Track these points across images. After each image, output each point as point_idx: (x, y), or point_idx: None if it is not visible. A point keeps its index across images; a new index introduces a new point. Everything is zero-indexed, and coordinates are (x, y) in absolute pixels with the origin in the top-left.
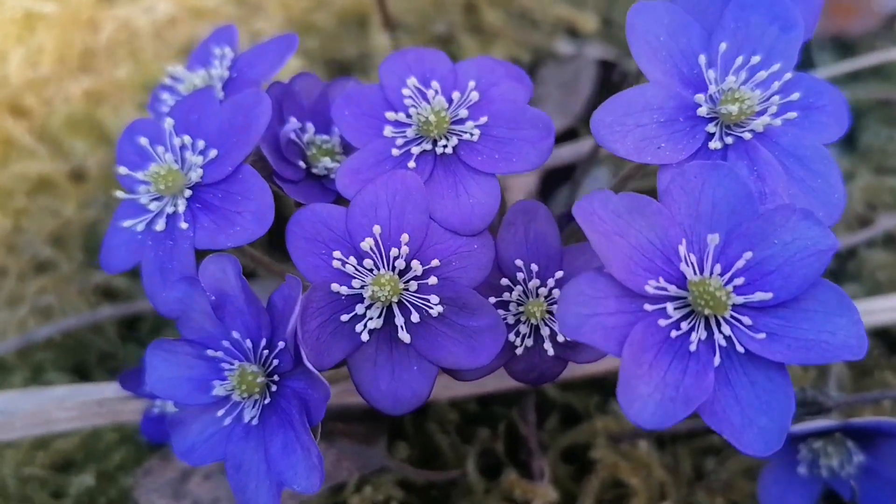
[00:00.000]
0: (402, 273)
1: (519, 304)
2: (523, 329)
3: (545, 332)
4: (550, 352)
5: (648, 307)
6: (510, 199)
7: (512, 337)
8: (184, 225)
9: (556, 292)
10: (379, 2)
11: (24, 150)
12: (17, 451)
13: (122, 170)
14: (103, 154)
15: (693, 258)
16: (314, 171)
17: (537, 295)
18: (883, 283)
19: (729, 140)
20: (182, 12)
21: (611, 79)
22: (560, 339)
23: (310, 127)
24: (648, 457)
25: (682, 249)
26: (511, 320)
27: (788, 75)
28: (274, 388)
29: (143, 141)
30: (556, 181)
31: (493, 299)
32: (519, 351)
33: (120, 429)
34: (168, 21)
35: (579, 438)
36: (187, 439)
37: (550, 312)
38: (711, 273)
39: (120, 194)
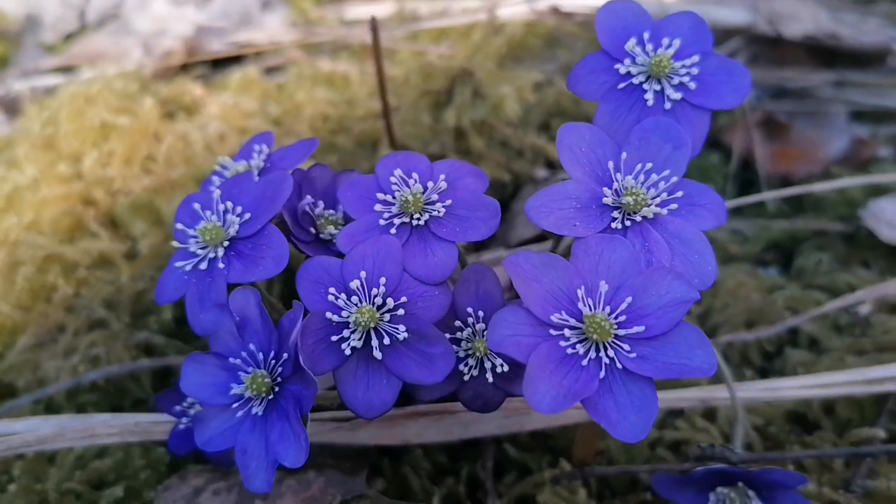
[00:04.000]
0: (379, 307)
1: (468, 342)
2: (471, 361)
3: (487, 365)
4: (490, 380)
5: (553, 332)
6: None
7: (461, 367)
8: (221, 265)
9: None
10: (387, 129)
11: (89, 231)
12: (60, 469)
13: (179, 226)
14: (156, 236)
15: (589, 301)
16: (321, 236)
17: (483, 336)
18: None
19: (628, 223)
20: (229, 130)
21: None
22: (498, 370)
23: (321, 203)
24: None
25: (580, 293)
26: (462, 354)
27: (675, 179)
28: (277, 389)
29: (197, 206)
30: None
31: (448, 336)
32: (466, 378)
33: (147, 455)
34: (217, 136)
35: (529, 488)
36: (207, 432)
37: None
38: (602, 310)
39: (175, 244)
